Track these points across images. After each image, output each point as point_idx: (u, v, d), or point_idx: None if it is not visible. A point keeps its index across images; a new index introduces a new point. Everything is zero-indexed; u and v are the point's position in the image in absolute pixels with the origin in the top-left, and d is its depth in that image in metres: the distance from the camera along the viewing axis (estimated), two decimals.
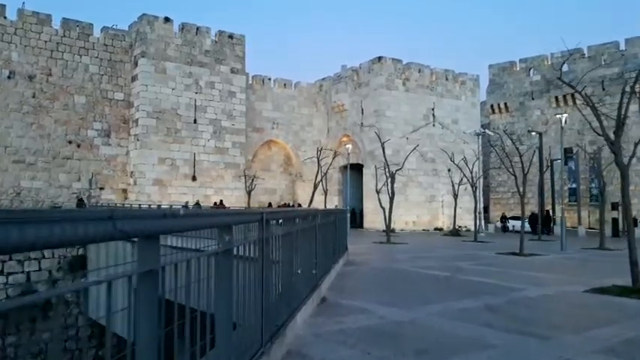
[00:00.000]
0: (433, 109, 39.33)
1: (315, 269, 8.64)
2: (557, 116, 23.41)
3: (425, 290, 10.38)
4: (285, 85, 42.52)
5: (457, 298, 9.46)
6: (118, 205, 32.35)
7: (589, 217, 43.58)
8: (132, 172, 35.26)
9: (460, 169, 28.95)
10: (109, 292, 1.87)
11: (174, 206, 29.30)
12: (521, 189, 20.11)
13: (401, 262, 15.62)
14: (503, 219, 41.01)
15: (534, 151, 39.93)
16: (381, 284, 11.14)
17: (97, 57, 35.20)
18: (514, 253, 18.66)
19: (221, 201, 34.92)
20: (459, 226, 33.64)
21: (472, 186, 27.72)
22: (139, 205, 30.58)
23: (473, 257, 17.68)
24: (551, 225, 36.89)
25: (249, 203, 31.98)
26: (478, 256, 18.30)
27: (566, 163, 45.45)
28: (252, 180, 32.23)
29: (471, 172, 28.05)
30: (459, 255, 18.45)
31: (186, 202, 33.83)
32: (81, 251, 25.67)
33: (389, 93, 37.91)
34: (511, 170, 20.03)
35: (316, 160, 28.55)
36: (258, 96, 41.32)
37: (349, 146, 33.37)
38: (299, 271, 7.03)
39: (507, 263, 15.83)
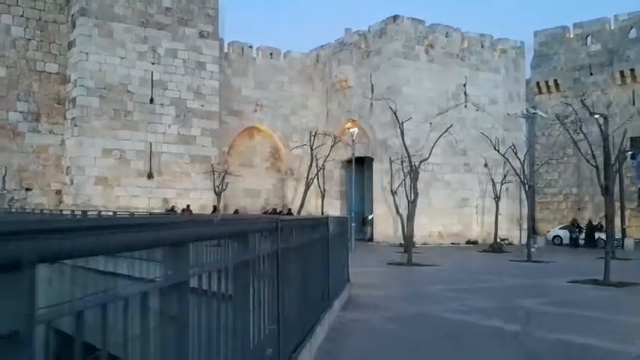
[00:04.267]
0: (465, 86, 35.68)
1: (275, 345, 4.97)
2: None
3: None
4: (271, 54, 38.94)
5: None
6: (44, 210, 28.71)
7: None
8: (68, 167, 31.74)
9: (507, 161, 25.34)
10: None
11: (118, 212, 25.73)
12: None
13: (433, 300, 11.95)
14: (575, 228, 35.78)
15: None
16: (408, 355, 7.45)
17: (21, 16, 31.71)
18: (596, 282, 15.01)
19: (188, 206, 31.25)
20: (501, 239, 29.99)
21: (524, 185, 24.14)
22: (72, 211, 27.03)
23: (540, 289, 14.07)
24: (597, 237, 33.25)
25: (217, 207, 28.31)
26: (546, 286, 14.66)
27: (633, 157, 41.99)
28: (223, 177, 28.54)
29: (522, 166, 24.47)
30: (517, 285, 14.85)
31: (173, 207, 30.65)
32: None
33: (407, 64, 34.26)
34: (592, 162, 16.38)
35: (309, 148, 24.87)
36: (236, 69, 37.76)
37: (355, 130, 29.72)
38: None
39: (599, 301, 12.21)
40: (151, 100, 32.61)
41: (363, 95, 35.48)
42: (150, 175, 32.38)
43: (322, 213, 28.62)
